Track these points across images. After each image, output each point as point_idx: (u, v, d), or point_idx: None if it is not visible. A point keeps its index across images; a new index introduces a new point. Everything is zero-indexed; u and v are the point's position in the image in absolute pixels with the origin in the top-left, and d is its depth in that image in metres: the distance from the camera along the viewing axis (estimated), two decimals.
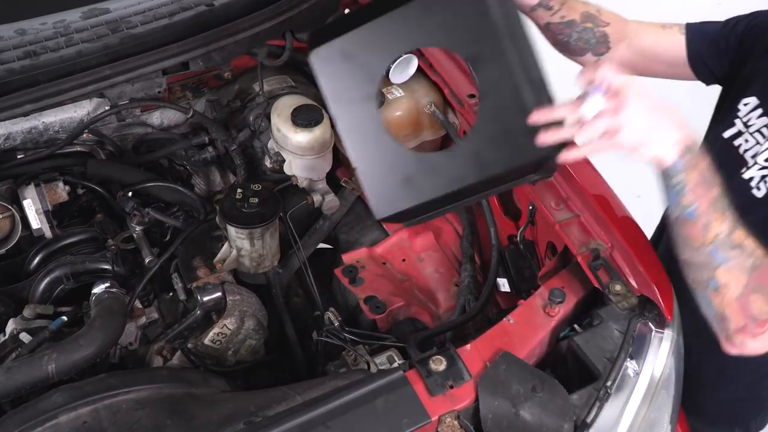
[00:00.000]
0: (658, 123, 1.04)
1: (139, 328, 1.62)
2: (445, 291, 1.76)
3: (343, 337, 1.58)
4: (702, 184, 1.08)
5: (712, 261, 1.12)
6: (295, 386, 1.32)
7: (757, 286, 1.12)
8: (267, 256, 1.72)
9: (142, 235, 1.71)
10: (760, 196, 1.41)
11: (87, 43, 1.71)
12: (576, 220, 1.57)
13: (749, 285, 1.11)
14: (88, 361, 1.38)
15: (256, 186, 1.67)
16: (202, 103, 2.02)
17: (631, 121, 1.01)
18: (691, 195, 1.08)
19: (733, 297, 1.13)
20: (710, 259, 1.12)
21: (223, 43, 1.80)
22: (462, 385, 1.26)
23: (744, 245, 1.12)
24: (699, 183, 1.08)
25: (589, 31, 1.52)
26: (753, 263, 1.11)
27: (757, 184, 1.42)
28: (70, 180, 1.74)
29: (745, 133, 1.47)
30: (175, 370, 1.54)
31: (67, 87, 1.64)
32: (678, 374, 1.42)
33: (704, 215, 1.09)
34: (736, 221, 1.12)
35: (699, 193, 1.08)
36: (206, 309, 1.62)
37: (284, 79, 1.99)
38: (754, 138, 1.45)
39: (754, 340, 1.16)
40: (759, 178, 1.42)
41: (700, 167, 1.08)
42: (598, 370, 1.34)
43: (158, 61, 1.74)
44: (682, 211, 1.10)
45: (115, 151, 1.85)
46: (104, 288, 1.51)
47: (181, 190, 1.79)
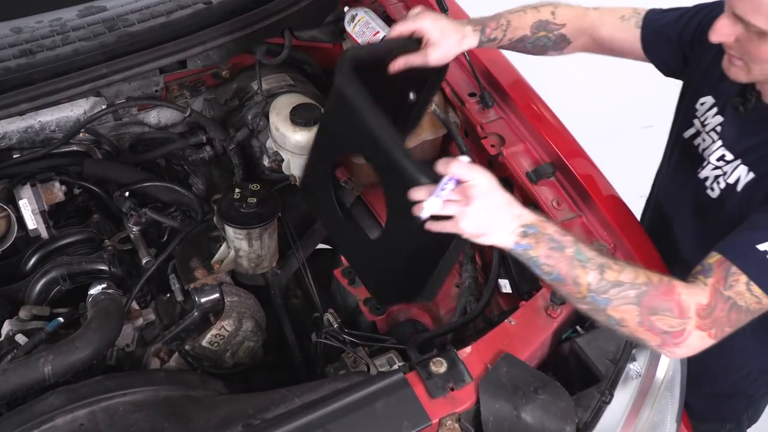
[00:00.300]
0: (494, 218, 1.16)
1: (136, 329, 1.62)
2: (446, 292, 1.76)
3: (343, 338, 1.59)
4: (553, 252, 1.18)
5: (598, 306, 1.20)
6: (293, 389, 1.32)
7: (651, 309, 1.19)
8: (265, 257, 1.72)
9: (139, 236, 1.71)
10: (714, 197, 1.44)
11: (83, 41, 1.71)
12: (578, 220, 1.57)
13: (643, 311, 1.19)
14: (84, 363, 1.38)
15: (254, 186, 1.67)
16: (200, 102, 2.02)
17: (471, 215, 1.15)
18: (547, 264, 1.19)
19: (636, 326, 1.21)
20: (595, 305, 1.20)
21: (221, 41, 1.81)
22: (463, 388, 1.26)
23: (620, 281, 1.19)
24: (549, 252, 1.18)
25: (543, 38, 1.60)
26: (637, 293, 1.19)
27: (711, 185, 1.45)
28: (66, 180, 1.75)
29: (702, 133, 1.49)
30: (173, 372, 1.54)
31: (63, 86, 1.64)
32: (681, 376, 1.42)
33: (567, 275, 1.19)
34: (605, 261, 1.20)
35: (554, 260, 1.18)
36: (204, 310, 1.62)
37: (283, 78, 1.99)
38: (710, 137, 1.47)
39: (680, 348, 1.22)
40: (713, 178, 1.44)
41: (545, 239, 1.18)
42: (601, 372, 1.34)
43: (155, 59, 1.74)
44: (547, 278, 1.21)
45: (112, 151, 1.85)
46: (101, 289, 1.51)
47: (178, 190, 1.79)
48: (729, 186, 1.40)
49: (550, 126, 1.70)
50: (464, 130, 1.83)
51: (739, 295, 1.20)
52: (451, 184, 1.15)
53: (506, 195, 1.19)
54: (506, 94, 1.76)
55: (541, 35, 1.60)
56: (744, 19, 1.20)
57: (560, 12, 1.61)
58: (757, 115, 1.37)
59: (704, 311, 1.20)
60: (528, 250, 1.19)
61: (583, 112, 3.20)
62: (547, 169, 1.63)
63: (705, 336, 1.21)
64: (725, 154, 1.42)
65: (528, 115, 1.71)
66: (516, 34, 1.59)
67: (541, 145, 1.68)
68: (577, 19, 1.61)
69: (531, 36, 1.60)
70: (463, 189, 1.15)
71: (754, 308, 1.21)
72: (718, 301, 1.20)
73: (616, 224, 1.53)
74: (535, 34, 1.60)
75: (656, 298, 1.19)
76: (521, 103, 1.73)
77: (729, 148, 1.42)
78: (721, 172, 1.43)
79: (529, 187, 1.63)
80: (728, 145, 1.42)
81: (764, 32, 1.19)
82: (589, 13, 1.62)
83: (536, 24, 1.60)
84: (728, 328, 1.22)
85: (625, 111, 3.06)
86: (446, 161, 1.15)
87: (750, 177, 1.36)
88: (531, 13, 1.61)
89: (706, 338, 1.21)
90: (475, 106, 1.78)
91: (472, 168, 1.16)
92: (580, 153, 1.67)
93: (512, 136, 1.72)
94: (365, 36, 1.91)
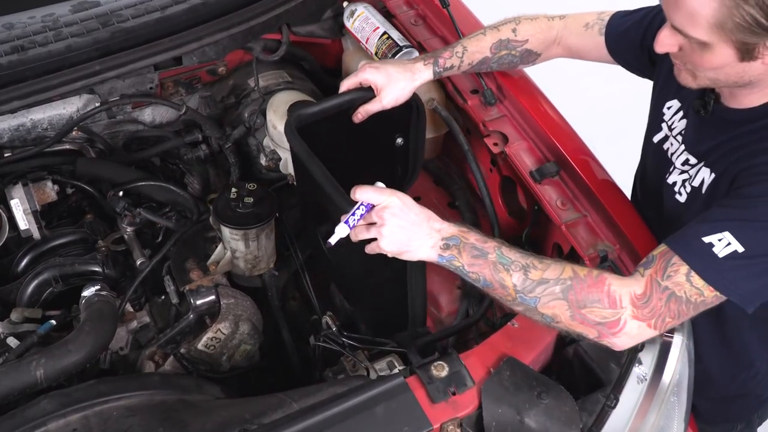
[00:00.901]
0: (411, 235, 1.26)
1: (130, 332, 1.62)
2: (447, 294, 1.76)
3: (342, 341, 1.59)
4: (477, 260, 1.26)
5: (528, 305, 1.26)
6: (291, 393, 1.32)
7: (579, 303, 1.23)
8: (262, 258, 1.72)
9: (133, 236, 1.71)
10: (682, 202, 1.46)
11: (76, 37, 1.71)
12: (583, 221, 1.57)
13: (572, 305, 1.24)
14: (77, 366, 1.38)
15: (251, 185, 1.67)
16: (196, 100, 2.02)
17: (387, 234, 1.26)
18: (473, 272, 1.26)
19: (569, 321, 1.25)
20: (526, 305, 1.26)
21: (217, 37, 1.81)
22: (465, 392, 1.26)
23: (545, 278, 1.25)
24: (473, 260, 1.26)
25: (506, 57, 1.68)
26: (562, 288, 1.24)
27: (678, 189, 1.46)
28: (58, 179, 1.75)
29: (670, 137, 1.51)
30: (168, 376, 1.54)
31: (55, 83, 1.64)
32: (689, 380, 1.42)
33: (493, 280, 1.26)
34: (530, 261, 1.26)
35: (478, 267, 1.26)
36: (199, 313, 1.62)
37: (280, 74, 2.00)
38: (676, 141, 1.50)
39: (618, 337, 1.24)
40: (680, 183, 1.46)
41: (467, 248, 1.26)
42: (606, 376, 1.34)
43: (150, 55, 1.74)
44: (476, 284, 1.28)
45: (106, 150, 1.86)
46: (94, 291, 1.52)
47: (173, 190, 1.79)
48: (694, 189, 1.42)
49: (554, 124, 1.71)
50: (466, 128, 1.83)
51: (677, 285, 1.22)
52: (361, 209, 1.27)
53: (423, 212, 1.28)
54: (509, 91, 1.76)
55: (503, 54, 1.67)
56: (682, 31, 1.23)
57: (522, 28, 1.66)
58: (717, 117, 1.39)
59: (640, 300, 1.23)
60: (452, 261, 1.27)
61: (588, 109, 3.19)
62: (551, 168, 1.63)
63: (644, 326, 1.23)
64: (689, 158, 1.44)
65: (531, 112, 1.71)
66: (474, 58, 1.66)
67: (545, 144, 1.68)
68: (540, 33, 1.67)
69: (492, 57, 1.67)
70: (377, 211, 1.26)
71: (696, 300, 1.22)
72: (655, 290, 1.23)
73: (622, 225, 1.53)
74: (497, 54, 1.67)
75: (582, 291, 1.23)
76: (524, 100, 1.74)
77: (691, 151, 1.44)
78: (687, 176, 1.45)
79: (533, 186, 1.63)
80: (690, 149, 1.45)
81: (704, 43, 1.21)
82: (554, 25, 1.67)
83: (496, 44, 1.66)
84: (670, 319, 1.24)
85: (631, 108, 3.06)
86: (356, 189, 1.27)
87: (712, 178, 1.38)
88: (490, 34, 1.67)
89: (645, 328, 1.24)
90: (478, 103, 1.78)
91: (381, 191, 1.27)
92: (585, 151, 1.67)
93: (515, 134, 1.72)
94: (365, 32, 1.91)
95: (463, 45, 1.66)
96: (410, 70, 1.59)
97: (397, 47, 1.85)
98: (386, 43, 1.86)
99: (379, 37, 1.88)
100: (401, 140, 1.70)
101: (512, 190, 1.79)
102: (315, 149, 1.45)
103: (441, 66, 1.63)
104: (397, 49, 1.85)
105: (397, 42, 1.86)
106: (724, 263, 1.20)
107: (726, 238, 1.20)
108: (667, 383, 1.37)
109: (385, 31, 1.89)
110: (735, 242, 1.19)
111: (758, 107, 1.31)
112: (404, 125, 1.68)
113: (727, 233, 1.20)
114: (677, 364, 1.39)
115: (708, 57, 1.23)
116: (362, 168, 1.71)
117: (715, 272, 1.20)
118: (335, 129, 1.60)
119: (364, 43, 1.92)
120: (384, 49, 1.86)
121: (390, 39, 1.87)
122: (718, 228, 1.22)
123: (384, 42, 1.87)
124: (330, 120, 1.58)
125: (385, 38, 1.87)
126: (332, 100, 1.59)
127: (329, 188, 1.37)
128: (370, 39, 1.90)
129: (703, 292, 1.22)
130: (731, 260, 1.20)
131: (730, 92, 1.35)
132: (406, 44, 1.86)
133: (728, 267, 1.20)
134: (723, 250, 1.20)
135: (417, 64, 1.61)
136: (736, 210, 1.24)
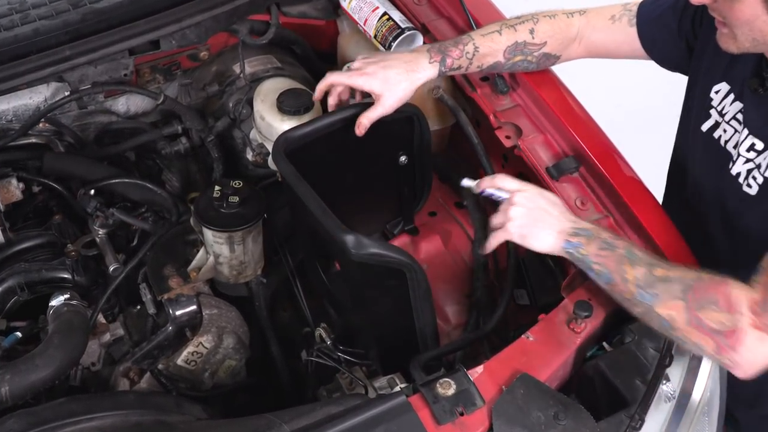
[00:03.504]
0: (540, 219, 1.41)
1: (102, 346, 1.63)
2: (455, 304, 1.77)
3: (337, 356, 1.60)
4: (604, 251, 1.36)
5: (647, 303, 1.31)
6: (281, 413, 1.33)
7: (698, 304, 1.26)
8: (249, 264, 1.73)
9: (105, 240, 1.72)
10: (753, 194, 1.47)
11: (45, 20, 1.72)
12: (605, 222, 1.58)
13: (690, 306, 1.27)
14: (45, 383, 1.40)
15: (236, 183, 1.68)
16: (175, 88, 2.03)
17: (516, 217, 1.42)
18: (597, 263, 1.37)
19: (685, 325, 1.28)
20: (644, 302, 1.31)
21: (198, 19, 1.82)
22: (474, 412, 1.27)
23: (668, 276, 1.31)
24: (600, 251, 1.36)
25: (521, 63, 1.70)
26: (683, 287, 1.29)
27: (745, 180, 1.48)
28: (24, 176, 1.76)
29: (723, 123, 1.52)
30: (144, 395, 1.55)
31: (21, 70, 1.65)
32: (720, 398, 1.43)
33: (616, 272, 1.34)
34: (657, 261, 1.35)
35: (603, 259, 1.36)
36: (179, 324, 1.63)
37: (269, 60, 2.00)
38: (731, 127, 1.51)
39: (738, 353, 1.24)
40: (746, 173, 1.47)
41: (597, 241, 1.38)
42: (630, 394, 1.35)
43: (125, 39, 1.75)
44: (600, 280, 1.38)
45: (76, 143, 1.87)
46: (63, 300, 1.53)
47: (150, 188, 1.80)
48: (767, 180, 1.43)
49: (573, 115, 1.72)
50: (475, 119, 1.84)
51: None
52: None
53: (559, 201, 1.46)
54: (523, 78, 1.77)
55: (517, 60, 1.68)
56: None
57: (540, 29, 1.66)
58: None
59: (758, 307, 1.23)
60: (579, 249, 1.38)
61: (610, 98, 3.21)
62: (569, 164, 1.64)
63: (765, 336, 1.23)
64: (755, 143, 1.45)
65: (548, 102, 1.72)
66: (485, 62, 1.66)
67: (562, 137, 1.69)
68: (560, 33, 1.67)
69: (506, 62, 1.68)
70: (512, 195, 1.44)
71: None
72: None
73: (648, 227, 1.54)
74: (511, 60, 1.68)
75: (703, 291, 1.27)
76: (540, 89, 1.74)
77: (757, 135, 1.45)
78: (753, 165, 1.45)
79: (550, 184, 1.64)
80: (756, 132, 1.45)
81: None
82: (573, 22, 1.68)
83: (511, 48, 1.66)
84: None
85: (658, 98, 3.07)
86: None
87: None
88: (506, 33, 1.66)
89: (766, 339, 1.23)
90: (488, 91, 1.79)
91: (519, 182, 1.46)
92: (607, 146, 1.68)
93: (530, 126, 1.73)
94: (363, 12, 1.92)
95: (474, 44, 1.64)
96: (412, 67, 1.59)
97: (399, 29, 1.86)
98: (387, 25, 1.87)
99: (379, 18, 1.89)
100: (405, 158, 1.72)
101: None
102: (308, 173, 1.47)
103: (448, 66, 1.62)
104: (398, 31, 1.85)
105: (399, 24, 1.87)
106: None
107: None
108: (696, 402, 1.38)
109: (386, 11, 1.89)
110: None
111: None
112: (407, 142, 1.70)
113: None
114: (708, 381, 1.40)
115: (738, 7, 1.29)
116: (363, 191, 1.74)
117: None
118: (330, 150, 1.62)
119: (362, 24, 1.93)
120: (384, 31, 1.87)
121: (391, 20, 1.87)
122: None
123: (384, 24, 1.88)
124: (323, 140, 1.59)
125: (386, 19, 1.88)
126: (323, 120, 1.60)
127: (319, 214, 1.40)
128: (368, 20, 1.91)
129: None
130: None
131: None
132: (409, 26, 1.87)
133: None
134: None
135: (421, 60, 1.60)
136: None
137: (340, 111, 1.62)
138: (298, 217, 1.67)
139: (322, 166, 1.61)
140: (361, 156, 1.67)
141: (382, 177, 1.74)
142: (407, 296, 1.43)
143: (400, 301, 1.45)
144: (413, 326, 1.49)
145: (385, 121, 1.61)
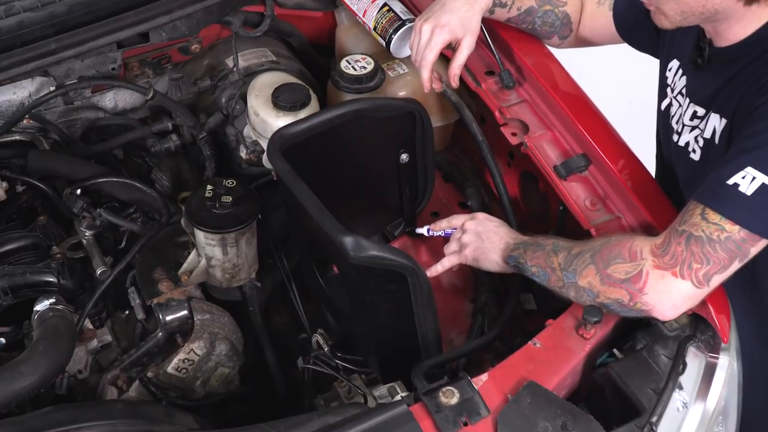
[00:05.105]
0: (486, 242, 1.59)
1: (89, 353, 1.64)
2: (459, 309, 1.77)
3: (335, 364, 1.60)
4: (536, 253, 1.49)
5: (569, 282, 1.43)
6: (276, 423, 1.33)
7: (605, 263, 1.39)
8: (243, 267, 1.74)
9: (93, 242, 1.73)
10: (697, 159, 1.54)
11: (30, 11, 1.73)
12: (616, 223, 1.59)
13: (599, 267, 1.39)
14: (30, 391, 1.40)
15: (229, 182, 1.68)
16: (165, 82, 2.04)
17: (468, 243, 1.60)
18: (534, 265, 1.49)
19: (600, 286, 1.39)
20: (569, 282, 1.43)
21: (189, 10, 1.83)
22: (478, 422, 1.27)
23: (582, 251, 1.43)
24: (533, 255, 1.50)
25: (550, 14, 1.81)
26: (592, 252, 1.42)
27: (692, 148, 1.55)
28: (7, 175, 1.76)
29: (672, 99, 1.62)
30: (133, 404, 1.56)
31: (5, 64, 1.66)
32: (736, 407, 1.44)
33: (547, 266, 1.47)
34: (576, 243, 1.47)
35: (536, 260, 1.49)
36: (169, 330, 1.64)
37: (263, 53, 2.01)
38: (677, 101, 1.60)
39: (647, 294, 1.35)
40: (693, 141, 1.55)
41: (532, 247, 1.51)
42: (642, 403, 1.35)
43: (112, 32, 1.76)
44: (540, 280, 1.48)
45: (61, 141, 1.87)
46: (48, 305, 1.53)
47: (139, 187, 1.81)
48: (707, 142, 1.50)
49: (583, 111, 1.72)
50: (480, 115, 1.85)
51: (694, 225, 1.32)
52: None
53: (502, 225, 1.63)
54: (530, 72, 1.78)
55: (547, 9, 1.81)
56: None
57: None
58: (714, 62, 1.49)
59: (659, 249, 1.36)
60: (518, 260, 1.51)
61: (622, 94, 3.21)
62: (578, 162, 1.65)
63: (669, 276, 1.33)
64: (696, 110, 1.53)
65: (556, 97, 1.73)
66: (523, 4, 1.79)
67: (571, 134, 1.70)
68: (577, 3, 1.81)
69: (538, 9, 1.80)
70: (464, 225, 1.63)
71: (718, 237, 1.30)
72: (672, 236, 1.35)
73: (662, 229, 1.54)
74: (542, 7, 1.80)
75: (608, 250, 1.40)
76: (548, 83, 1.75)
77: (696, 101, 1.53)
78: (698, 131, 1.53)
79: (558, 183, 1.64)
80: (696, 100, 1.53)
81: None
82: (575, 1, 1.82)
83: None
84: (698, 265, 1.32)
85: None
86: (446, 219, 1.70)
87: (723, 124, 1.46)
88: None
89: (671, 278, 1.33)
90: (494, 86, 1.80)
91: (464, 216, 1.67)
92: (618, 143, 1.68)
93: (537, 122, 1.74)
94: (362, 3, 1.93)
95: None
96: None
97: (400, 21, 1.87)
98: (387, 17, 1.88)
99: (379, 9, 1.90)
100: (406, 156, 1.73)
101: (533, 187, 1.80)
102: (305, 172, 1.48)
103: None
104: (399, 23, 1.86)
105: (400, 15, 1.88)
106: (755, 200, 1.26)
107: (749, 173, 1.28)
108: (711, 410, 1.39)
109: (386, 2, 1.90)
110: (760, 174, 1.27)
111: (747, 39, 1.40)
112: (408, 139, 1.72)
113: (750, 168, 1.28)
114: (723, 389, 1.40)
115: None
116: (363, 190, 1.75)
117: (748, 213, 1.28)
118: (328, 148, 1.63)
119: (361, 16, 1.93)
120: (384, 23, 1.88)
121: (391, 12, 1.88)
122: (738, 166, 1.29)
123: (384, 15, 1.88)
124: (321, 137, 1.61)
125: (386, 11, 1.89)
126: (320, 116, 1.62)
127: (317, 215, 1.41)
128: (367, 12, 1.92)
129: (724, 227, 1.29)
130: (762, 195, 1.26)
131: (715, 30, 1.44)
132: (410, 18, 1.88)
133: (762, 204, 1.26)
134: (750, 186, 1.27)
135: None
136: (751, 140, 1.31)
137: (337, 107, 1.63)
138: (295, 217, 1.68)
139: (320, 164, 1.61)
140: (360, 154, 1.68)
141: (383, 176, 1.75)
142: (409, 301, 1.43)
143: (401, 306, 1.45)
144: (415, 332, 1.50)
145: (385, 118, 1.61)
